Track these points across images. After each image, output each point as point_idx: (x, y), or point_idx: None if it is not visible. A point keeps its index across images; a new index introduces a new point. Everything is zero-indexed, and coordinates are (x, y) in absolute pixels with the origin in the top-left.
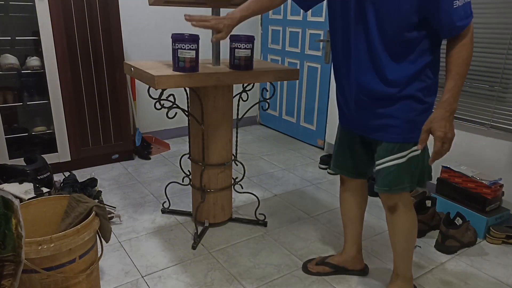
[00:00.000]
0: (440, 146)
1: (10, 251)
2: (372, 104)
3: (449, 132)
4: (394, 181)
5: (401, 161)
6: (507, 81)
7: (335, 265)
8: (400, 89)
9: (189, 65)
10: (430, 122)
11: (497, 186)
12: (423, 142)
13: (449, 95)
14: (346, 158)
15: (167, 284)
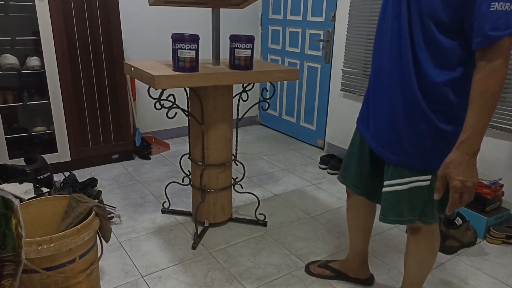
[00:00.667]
0: (457, 197)
1: (10, 251)
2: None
3: (469, 181)
4: (390, 210)
5: (399, 188)
6: (507, 81)
7: (337, 270)
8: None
9: (189, 65)
10: (446, 167)
11: (497, 186)
12: (439, 191)
13: (469, 133)
14: (352, 167)
15: (167, 284)
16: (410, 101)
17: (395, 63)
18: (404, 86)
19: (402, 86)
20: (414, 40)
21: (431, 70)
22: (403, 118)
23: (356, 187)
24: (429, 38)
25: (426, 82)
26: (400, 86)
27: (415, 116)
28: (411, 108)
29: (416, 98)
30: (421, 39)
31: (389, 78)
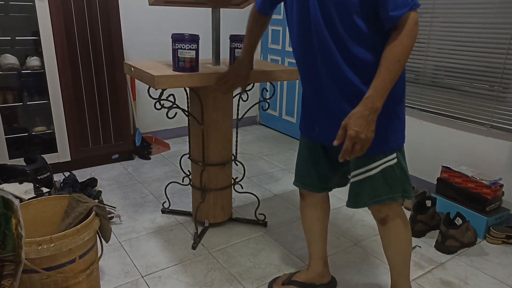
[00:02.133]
0: (350, 145)
1: (10, 251)
2: (339, 105)
3: (363, 133)
4: (368, 195)
5: (372, 173)
6: (507, 81)
7: (303, 283)
8: (366, 80)
9: (189, 65)
10: (348, 118)
11: (497, 186)
12: (339, 138)
13: (373, 92)
14: (310, 172)
15: (167, 284)
16: (349, 90)
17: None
18: (337, 78)
19: (335, 80)
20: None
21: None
22: (348, 109)
23: (315, 187)
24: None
25: (354, 63)
26: (333, 80)
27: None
28: (353, 99)
29: (355, 89)
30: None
31: (320, 76)
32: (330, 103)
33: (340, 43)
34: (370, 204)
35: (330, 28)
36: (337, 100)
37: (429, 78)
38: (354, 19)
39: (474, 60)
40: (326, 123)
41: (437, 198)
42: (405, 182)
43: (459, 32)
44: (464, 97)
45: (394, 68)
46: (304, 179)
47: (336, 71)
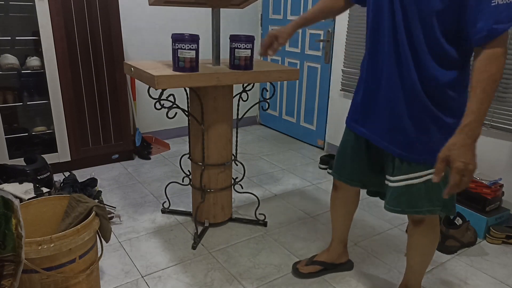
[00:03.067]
0: (458, 179)
1: (10, 251)
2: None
3: (471, 164)
4: (407, 203)
5: (416, 181)
6: (507, 81)
7: (324, 262)
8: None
9: (189, 65)
10: (448, 150)
11: (497, 186)
12: (438, 173)
13: (472, 118)
14: (348, 164)
15: (167, 284)
16: (414, 102)
17: (393, 65)
18: (406, 88)
19: (403, 89)
20: (414, 42)
21: (434, 71)
22: (409, 119)
23: (352, 180)
24: (430, 39)
25: (429, 83)
26: (401, 88)
27: (421, 116)
28: (416, 109)
29: (420, 99)
30: (423, 41)
31: (388, 80)
32: (391, 107)
33: (415, 52)
34: (408, 213)
35: (410, 40)
36: (399, 107)
37: None
38: (438, 36)
39: None
40: (380, 124)
41: None
42: (447, 199)
43: None
44: None
45: (492, 90)
46: (341, 171)
47: (408, 84)
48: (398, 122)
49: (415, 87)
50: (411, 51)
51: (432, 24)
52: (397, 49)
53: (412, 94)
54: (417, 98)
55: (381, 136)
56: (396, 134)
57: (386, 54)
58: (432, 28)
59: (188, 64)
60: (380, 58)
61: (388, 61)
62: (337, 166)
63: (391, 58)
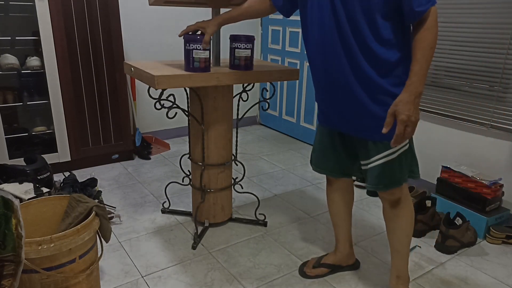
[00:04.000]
0: (402, 129)
1: (10, 251)
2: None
3: (413, 116)
4: (388, 178)
5: (391, 157)
6: (507, 81)
7: (332, 265)
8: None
9: (203, 65)
10: (395, 105)
11: (497, 186)
12: (388, 125)
13: (415, 78)
14: (329, 158)
15: (167, 284)
16: (369, 86)
17: (342, 55)
18: (358, 75)
19: (356, 76)
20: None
21: (378, 51)
22: (372, 102)
23: (334, 172)
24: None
25: (377, 63)
26: (354, 76)
27: (381, 97)
28: (374, 91)
29: (374, 81)
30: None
31: (340, 72)
32: (352, 97)
33: (361, 40)
34: (391, 187)
35: (352, 25)
36: (359, 95)
37: (429, 78)
38: (376, 17)
39: (474, 60)
40: (346, 113)
41: (437, 198)
42: (413, 164)
43: (459, 32)
44: (464, 97)
45: (429, 55)
46: (322, 164)
47: (355, 65)
48: (363, 109)
49: (366, 71)
50: (354, 37)
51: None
52: (342, 39)
53: (365, 78)
54: (371, 81)
55: (352, 127)
56: (366, 120)
57: (332, 46)
58: (370, 9)
59: (203, 65)
60: (327, 52)
61: (335, 53)
62: (317, 161)
63: (337, 49)
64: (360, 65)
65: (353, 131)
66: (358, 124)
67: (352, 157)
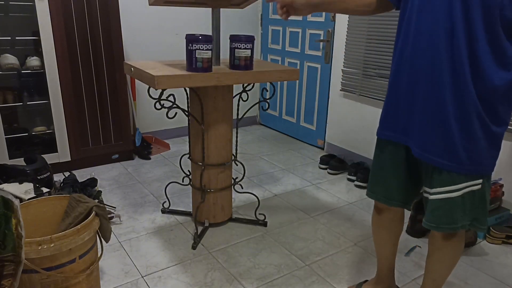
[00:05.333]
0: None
1: (10, 251)
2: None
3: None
4: (444, 218)
5: (454, 195)
6: None
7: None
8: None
9: (206, 65)
10: None
11: (497, 186)
12: None
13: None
14: (386, 180)
15: (167, 284)
16: (464, 104)
17: (443, 61)
18: (456, 87)
19: (454, 88)
20: (472, 35)
21: (492, 71)
22: (457, 122)
23: (390, 199)
24: (492, 34)
25: (485, 84)
26: (451, 87)
27: (470, 120)
28: (465, 111)
29: (472, 101)
30: (483, 35)
31: (434, 77)
32: (436, 108)
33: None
34: (446, 230)
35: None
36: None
37: None
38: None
39: None
40: (421, 130)
41: None
42: (479, 213)
43: None
44: None
45: None
46: (377, 187)
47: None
48: (442, 125)
49: (468, 87)
50: (467, 46)
51: (495, 16)
52: (450, 42)
53: (463, 94)
54: (469, 99)
55: (424, 148)
56: (439, 140)
57: (435, 49)
58: (495, 21)
59: (206, 64)
60: (423, 53)
61: (437, 56)
62: (373, 183)
63: (441, 52)
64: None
65: (421, 151)
66: (430, 144)
67: (414, 181)
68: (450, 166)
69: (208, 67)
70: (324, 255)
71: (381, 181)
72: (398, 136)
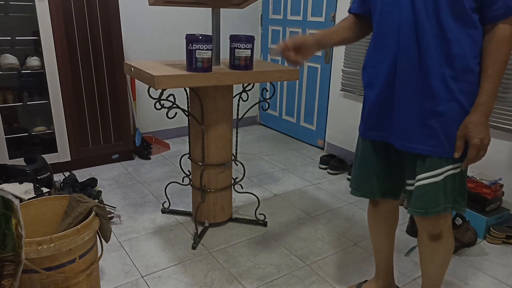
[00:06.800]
0: (475, 153)
1: (10, 251)
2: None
3: (486, 138)
4: (429, 202)
5: (437, 179)
6: (507, 81)
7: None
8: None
9: (206, 65)
10: (466, 128)
11: (497, 186)
12: (459, 149)
13: (486, 97)
14: (370, 177)
15: (167, 284)
16: (440, 90)
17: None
18: (431, 73)
19: (428, 74)
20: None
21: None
22: (435, 109)
23: (378, 192)
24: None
25: (456, 61)
26: (425, 74)
27: (448, 105)
28: (442, 97)
29: (447, 84)
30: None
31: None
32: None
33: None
34: (431, 213)
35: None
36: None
37: None
38: (467, 9)
39: None
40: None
41: None
42: (459, 194)
43: None
44: None
45: (503, 69)
46: (362, 186)
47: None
48: (425, 114)
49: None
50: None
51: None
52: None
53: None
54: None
55: (406, 139)
56: (423, 129)
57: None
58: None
59: (206, 64)
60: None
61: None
62: (356, 181)
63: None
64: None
65: (403, 142)
66: (412, 134)
67: (398, 174)
68: (432, 151)
69: (208, 67)
70: (324, 255)
71: (364, 178)
72: (380, 134)
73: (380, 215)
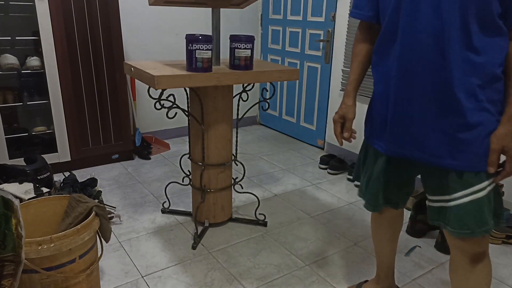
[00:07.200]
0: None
1: (10, 251)
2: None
3: None
4: (477, 221)
5: (480, 195)
6: None
7: None
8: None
9: (206, 65)
10: (501, 140)
11: None
12: (494, 164)
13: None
14: (378, 189)
15: (167, 284)
16: (467, 100)
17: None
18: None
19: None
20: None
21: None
22: (465, 121)
23: (387, 204)
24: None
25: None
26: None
27: (479, 116)
28: (470, 109)
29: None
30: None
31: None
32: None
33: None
34: (479, 233)
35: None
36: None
37: None
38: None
39: None
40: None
41: None
42: (498, 207)
43: None
44: None
45: None
46: (376, 201)
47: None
48: (453, 127)
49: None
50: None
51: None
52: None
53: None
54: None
55: (431, 153)
56: (454, 141)
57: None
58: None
59: (206, 64)
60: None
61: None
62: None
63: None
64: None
65: (428, 157)
66: (440, 148)
67: (401, 186)
68: (468, 166)
69: (208, 67)
70: (324, 255)
71: (376, 192)
72: (403, 152)
73: (384, 221)
